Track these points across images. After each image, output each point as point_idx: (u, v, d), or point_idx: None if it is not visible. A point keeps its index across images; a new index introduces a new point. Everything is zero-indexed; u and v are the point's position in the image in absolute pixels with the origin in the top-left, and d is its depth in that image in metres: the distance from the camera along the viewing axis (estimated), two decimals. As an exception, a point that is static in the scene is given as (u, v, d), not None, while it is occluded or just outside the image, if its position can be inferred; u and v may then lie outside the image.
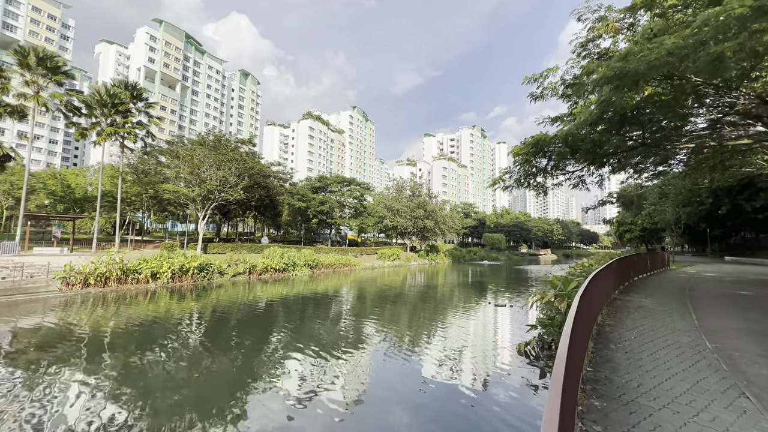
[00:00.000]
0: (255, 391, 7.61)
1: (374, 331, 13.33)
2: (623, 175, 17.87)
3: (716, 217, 34.84)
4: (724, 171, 17.23)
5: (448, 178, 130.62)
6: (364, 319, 15.41)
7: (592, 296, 6.68)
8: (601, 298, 8.12)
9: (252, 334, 12.35)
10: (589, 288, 5.78)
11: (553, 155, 10.98)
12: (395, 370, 9.24)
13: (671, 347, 5.68)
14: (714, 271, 19.74)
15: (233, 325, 13.52)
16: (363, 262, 50.02)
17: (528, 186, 13.53)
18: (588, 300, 5.89)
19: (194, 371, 8.61)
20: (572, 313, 3.83)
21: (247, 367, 9.04)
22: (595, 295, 7.09)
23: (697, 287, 12.21)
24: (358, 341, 11.70)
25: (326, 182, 59.94)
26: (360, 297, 22.87)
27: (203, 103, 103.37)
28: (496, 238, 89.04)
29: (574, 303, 4.47)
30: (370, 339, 12.06)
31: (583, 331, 5.47)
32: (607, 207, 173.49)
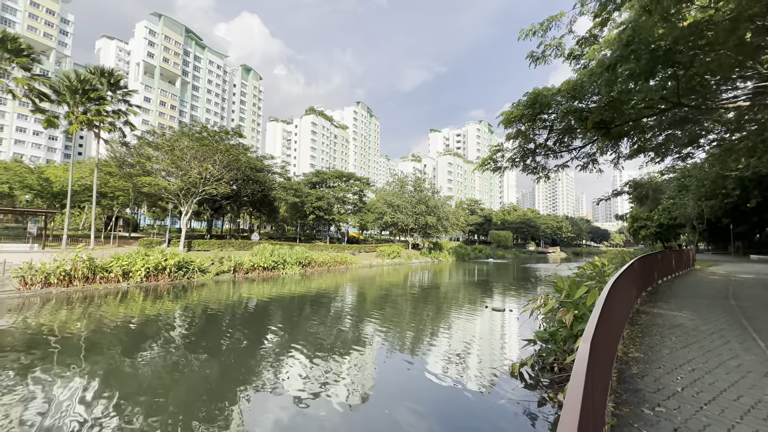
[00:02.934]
0: (248, 393, 7.20)
1: (339, 339, 11.41)
2: (641, 159, 15.15)
3: (742, 211, 31.66)
4: (765, 152, 14.51)
5: (453, 174, 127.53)
6: (335, 324, 13.58)
7: (610, 318, 4.25)
8: (623, 313, 5.70)
9: (236, 336, 11.43)
10: (606, 310, 3.43)
11: (555, 124, 8.48)
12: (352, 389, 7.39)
13: (755, 410, 3.23)
14: (748, 272, 16.93)
15: (215, 327, 12.47)
16: (361, 260, 47.88)
17: (525, 168, 11.00)
18: (605, 327, 3.52)
19: (174, 375, 7.94)
20: (581, 367, 1.53)
21: (236, 370, 8.44)
22: (614, 313, 4.65)
23: (741, 294, 9.60)
24: (321, 349, 10.36)
25: (324, 177, 57.75)
26: (346, 299, 20.75)
27: (204, 98, 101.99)
28: (503, 236, 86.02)
29: (581, 350, 2.15)
30: (334, 348, 10.62)
31: (599, 383, 3.13)
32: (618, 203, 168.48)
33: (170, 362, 8.87)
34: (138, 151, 33.49)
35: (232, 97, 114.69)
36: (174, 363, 8.81)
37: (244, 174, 42.09)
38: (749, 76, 6.91)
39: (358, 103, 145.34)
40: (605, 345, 3.65)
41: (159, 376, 7.98)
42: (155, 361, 8.87)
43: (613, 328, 4.62)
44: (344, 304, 18.94)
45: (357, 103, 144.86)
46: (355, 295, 22.26)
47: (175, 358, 9.11)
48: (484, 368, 9.42)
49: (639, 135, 9.25)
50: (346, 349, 10.36)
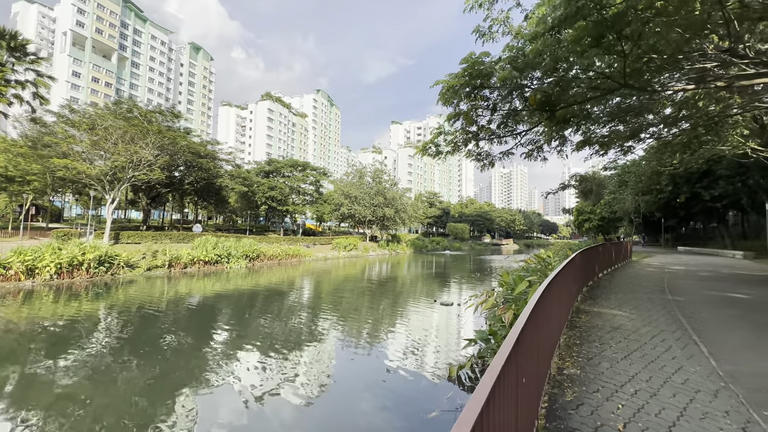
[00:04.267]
0: (193, 397, 6.76)
1: (288, 337, 10.91)
2: (587, 152, 15.09)
3: (673, 206, 34.00)
4: (698, 148, 15.08)
5: (413, 166, 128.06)
6: (281, 321, 12.85)
7: (543, 327, 3.35)
8: (562, 315, 4.94)
9: (174, 337, 10.64)
10: (534, 317, 2.53)
11: (498, 104, 7.63)
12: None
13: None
14: (679, 264, 17.71)
15: (147, 328, 11.53)
16: (315, 252, 46.12)
17: (469, 155, 10.17)
18: (532, 340, 2.59)
19: (99, 383, 7.18)
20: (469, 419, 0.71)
21: (177, 373, 7.86)
22: (549, 319, 3.78)
23: (676, 287, 9.50)
24: (271, 347, 9.92)
25: (278, 166, 54.77)
26: (294, 295, 19.51)
27: (145, 76, 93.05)
28: (460, 228, 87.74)
29: (479, 392, 1.03)
30: (284, 345, 10.21)
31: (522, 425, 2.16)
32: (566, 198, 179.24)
33: (94, 368, 7.98)
34: (53, 130, 29.06)
35: (179, 78, 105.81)
36: (98, 369, 7.96)
37: (185, 160, 38.56)
38: (695, 58, 6.46)
39: (318, 91, 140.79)
40: (531, 365, 2.72)
41: (81, 384, 7.21)
42: (76, 368, 7.94)
43: (547, 338, 3.76)
44: (291, 300, 17.77)
45: (317, 91, 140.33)
46: (304, 291, 20.94)
47: (99, 364, 8.21)
48: (423, 371, 8.70)
49: (584, 122, 8.71)
50: (294, 347, 9.88)
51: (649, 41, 5.89)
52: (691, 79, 6.90)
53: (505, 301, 10.44)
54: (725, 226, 36.64)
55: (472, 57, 6.40)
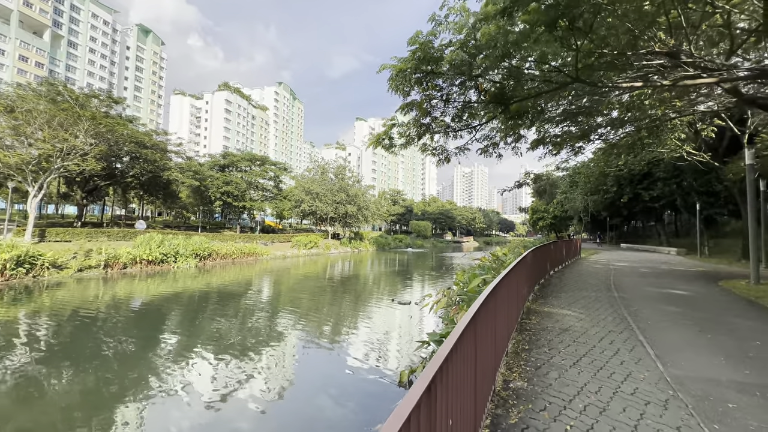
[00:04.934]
0: (136, 407, 6.21)
1: (224, 343, 10.15)
2: (541, 151, 15.36)
3: (617, 206, 36.26)
4: (641, 150, 15.90)
5: (377, 164, 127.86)
6: (225, 326, 11.94)
7: (488, 334, 2.91)
8: (511, 318, 4.60)
9: (112, 344, 9.80)
10: (479, 317, 2.09)
11: (452, 95, 7.25)
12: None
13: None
14: (623, 260, 18.65)
15: (79, 334, 10.59)
16: (273, 250, 44.38)
17: (425, 149, 9.79)
18: (466, 357, 2.10)
19: (26, 398, 6.50)
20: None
21: (119, 380, 7.34)
22: (495, 324, 3.35)
23: (621, 285, 9.73)
24: (222, 350, 9.48)
25: (234, 159, 51.96)
26: (247, 295, 18.34)
27: (85, 58, 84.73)
28: (423, 226, 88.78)
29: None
30: (234, 348, 9.75)
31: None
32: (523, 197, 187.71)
33: (15, 382, 7.17)
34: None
35: (125, 62, 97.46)
36: (19, 383, 7.16)
37: (128, 150, 35.30)
38: (643, 56, 6.44)
39: (280, 83, 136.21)
40: (464, 398, 2.24)
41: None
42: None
43: (491, 351, 3.34)
44: (244, 301, 16.73)
45: (279, 84, 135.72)
46: (259, 291, 19.81)
47: (20, 378, 7.36)
48: (374, 376, 8.25)
49: (538, 118, 8.58)
50: (247, 351, 9.48)
51: (600, 33, 5.73)
52: (639, 76, 6.93)
53: (459, 300, 10.22)
54: (662, 225, 39.76)
55: (419, 37, 5.91)
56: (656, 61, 6.37)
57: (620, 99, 8.95)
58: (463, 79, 6.57)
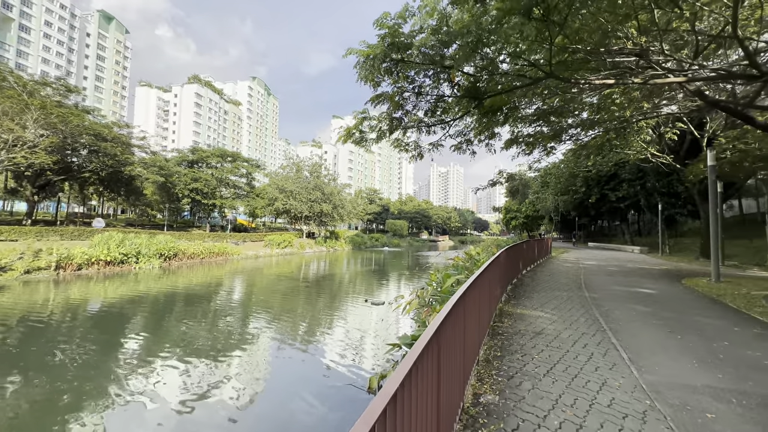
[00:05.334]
0: (96, 415, 5.87)
1: (191, 347, 9.70)
2: (514, 150, 15.44)
3: (585, 206, 37.49)
4: (609, 152, 16.34)
5: (354, 162, 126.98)
6: (190, 329, 11.38)
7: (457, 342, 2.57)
8: (483, 322, 4.32)
9: (70, 350, 9.15)
10: (445, 327, 1.80)
11: (424, 87, 6.92)
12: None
13: None
14: (591, 259, 19.11)
15: (30, 341, 9.75)
16: (245, 250, 42.92)
17: (398, 145, 9.44)
18: (428, 373, 1.73)
19: None
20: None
21: (74, 392, 6.69)
22: (465, 331, 3.02)
23: (592, 284, 9.78)
24: (192, 353, 9.11)
25: (203, 155, 49.85)
26: (212, 296, 17.45)
27: (38, 44, 78.85)
28: (399, 225, 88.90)
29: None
30: (204, 352, 9.37)
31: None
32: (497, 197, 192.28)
33: None
34: None
35: (84, 50, 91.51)
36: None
37: (85, 143, 32.98)
38: (615, 53, 6.37)
39: (254, 78, 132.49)
40: (431, 401, 1.88)
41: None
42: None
43: (462, 357, 3.02)
44: (211, 303, 15.94)
45: (253, 79, 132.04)
46: (227, 292, 18.91)
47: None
48: (342, 381, 7.81)
49: (512, 114, 8.42)
50: (214, 354, 9.11)
51: (573, 26, 5.57)
52: (612, 74, 6.88)
53: (432, 301, 9.96)
54: (626, 225, 41.51)
55: (386, 19, 5.51)
56: (628, 58, 6.32)
57: (591, 102, 8.96)
58: (436, 70, 6.27)
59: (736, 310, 6.53)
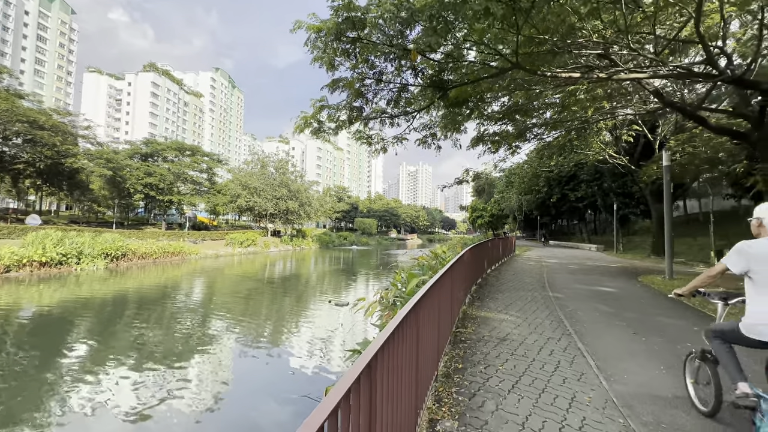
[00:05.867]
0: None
1: (139, 353, 9.11)
2: (480, 148, 15.36)
3: (547, 205, 38.82)
4: (570, 152, 16.72)
5: (323, 159, 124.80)
6: (138, 335, 10.64)
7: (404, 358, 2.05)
8: (443, 330, 3.87)
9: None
10: (396, 337, 1.62)
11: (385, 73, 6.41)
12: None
13: None
14: (552, 257, 19.56)
15: None
16: (205, 249, 40.65)
17: (359, 138, 8.87)
18: (372, 382, 1.16)
19: None
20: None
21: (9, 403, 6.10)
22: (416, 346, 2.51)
23: (554, 283, 9.73)
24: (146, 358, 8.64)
25: (157, 148, 46.69)
26: (161, 300, 16.12)
27: (-36, 19, 70.57)
28: (368, 223, 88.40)
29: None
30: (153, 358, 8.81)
31: None
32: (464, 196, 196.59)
33: None
34: None
35: (22, 29, 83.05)
36: None
37: (17, 131, 29.70)
38: (581, 45, 6.19)
39: (217, 69, 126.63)
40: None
41: None
42: None
43: (415, 377, 2.52)
44: (162, 307, 14.71)
45: (216, 70, 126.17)
46: (181, 295, 17.58)
47: None
48: (297, 393, 7.23)
49: (478, 107, 8.12)
50: (168, 359, 8.62)
51: (539, 15, 5.26)
52: (578, 68, 6.72)
53: (395, 301, 9.50)
54: (584, 223, 43.47)
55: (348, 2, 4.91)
56: (595, 51, 6.16)
57: (555, 101, 8.87)
58: (397, 54, 5.76)
59: (693, 309, 6.57)
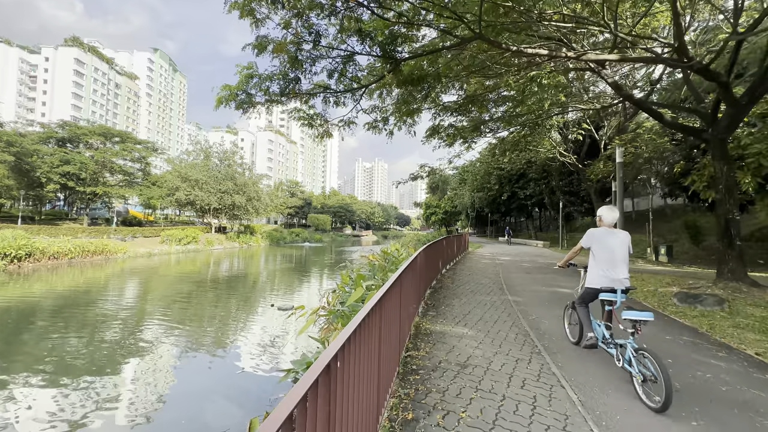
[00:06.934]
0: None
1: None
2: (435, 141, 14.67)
3: (498, 203, 39.83)
4: (524, 148, 16.67)
5: (274, 152, 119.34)
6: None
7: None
8: (391, 356, 2.82)
9: None
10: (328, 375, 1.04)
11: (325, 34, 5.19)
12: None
13: None
14: (505, 254, 19.54)
15: None
16: (136, 247, 36.47)
17: (300, 117, 7.54)
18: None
19: None
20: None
21: None
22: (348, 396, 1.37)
23: (512, 283, 9.16)
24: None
25: (77, 132, 41.00)
26: (73, 305, 13.88)
27: None
28: (322, 219, 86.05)
29: None
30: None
31: None
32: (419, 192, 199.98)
33: None
34: None
35: None
36: None
37: None
38: (549, 20, 5.47)
39: (155, 50, 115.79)
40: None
41: None
42: None
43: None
44: (75, 314, 12.65)
45: (154, 51, 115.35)
46: (98, 301, 15.07)
47: None
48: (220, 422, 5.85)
49: (435, 87, 7.17)
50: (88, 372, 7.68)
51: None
52: (544, 44, 6.02)
53: (337, 309, 8.31)
54: (531, 221, 45.34)
55: None
56: (564, 25, 5.47)
57: (512, 94, 8.22)
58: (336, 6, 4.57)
59: (659, 314, 6.16)
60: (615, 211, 4.12)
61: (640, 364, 3.16)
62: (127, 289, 18.10)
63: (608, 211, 4.10)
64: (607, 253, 3.84)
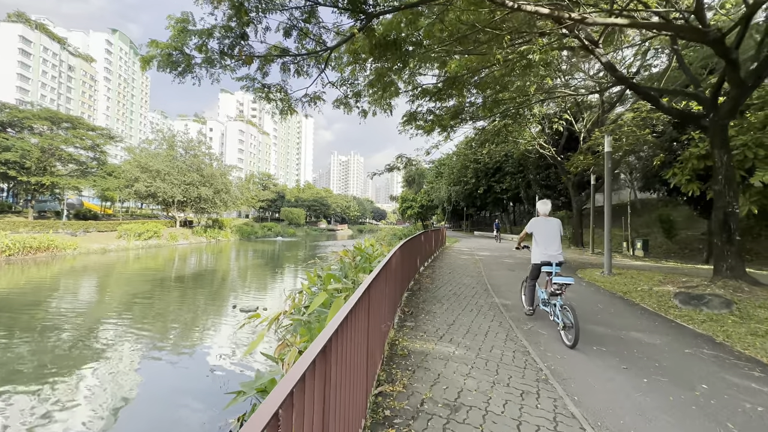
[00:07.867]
0: None
1: None
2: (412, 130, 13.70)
3: (474, 196, 39.58)
4: (505, 138, 16.06)
5: (245, 143, 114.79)
6: None
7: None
8: (357, 396, 1.82)
9: None
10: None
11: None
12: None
13: None
14: (483, 249, 18.95)
15: None
16: (88, 242, 33.63)
17: (256, 90, 6.29)
18: None
19: None
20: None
21: None
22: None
23: (497, 283, 8.35)
24: None
25: (19, 116, 37.03)
26: (13, 308, 12.38)
27: None
28: (296, 213, 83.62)
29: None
30: None
31: None
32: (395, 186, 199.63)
33: None
34: None
35: None
36: None
37: None
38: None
39: (114, 31, 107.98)
40: None
41: None
42: None
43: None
44: (20, 318, 11.23)
45: (113, 31, 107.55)
46: (42, 303, 13.30)
47: None
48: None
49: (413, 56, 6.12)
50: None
51: None
52: (546, 3, 5.12)
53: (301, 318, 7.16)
54: (506, 215, 45.56)
55: None
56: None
57: (505, 55, 7.34)
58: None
59: (663, 318, 5.48)
60: (548, 204, 5.21)
61: (563, 316, 4.32)
62: (79, 289, 16.20)
63: (542, 204, 5.21)
64: (543, 236, 4.95)
